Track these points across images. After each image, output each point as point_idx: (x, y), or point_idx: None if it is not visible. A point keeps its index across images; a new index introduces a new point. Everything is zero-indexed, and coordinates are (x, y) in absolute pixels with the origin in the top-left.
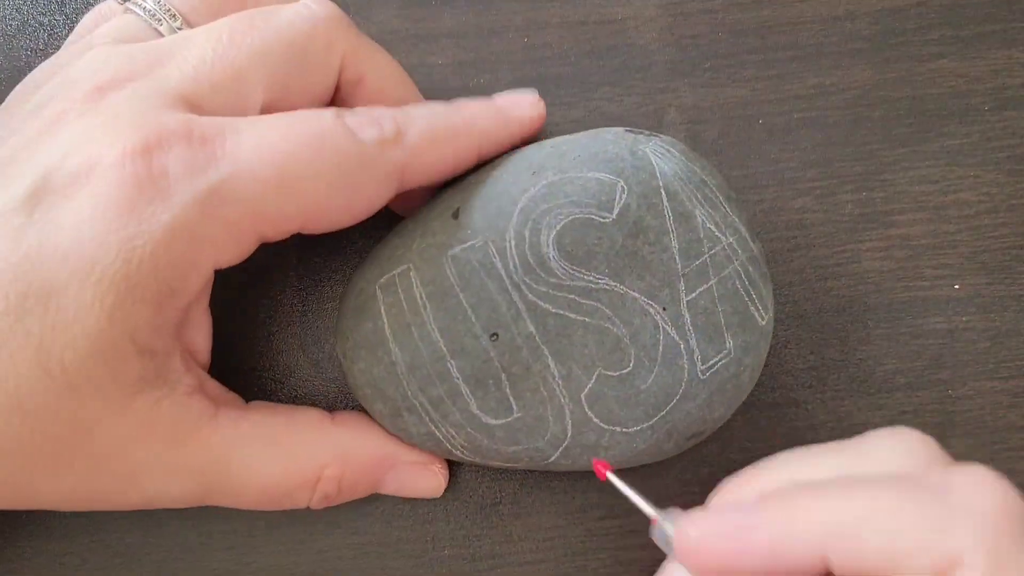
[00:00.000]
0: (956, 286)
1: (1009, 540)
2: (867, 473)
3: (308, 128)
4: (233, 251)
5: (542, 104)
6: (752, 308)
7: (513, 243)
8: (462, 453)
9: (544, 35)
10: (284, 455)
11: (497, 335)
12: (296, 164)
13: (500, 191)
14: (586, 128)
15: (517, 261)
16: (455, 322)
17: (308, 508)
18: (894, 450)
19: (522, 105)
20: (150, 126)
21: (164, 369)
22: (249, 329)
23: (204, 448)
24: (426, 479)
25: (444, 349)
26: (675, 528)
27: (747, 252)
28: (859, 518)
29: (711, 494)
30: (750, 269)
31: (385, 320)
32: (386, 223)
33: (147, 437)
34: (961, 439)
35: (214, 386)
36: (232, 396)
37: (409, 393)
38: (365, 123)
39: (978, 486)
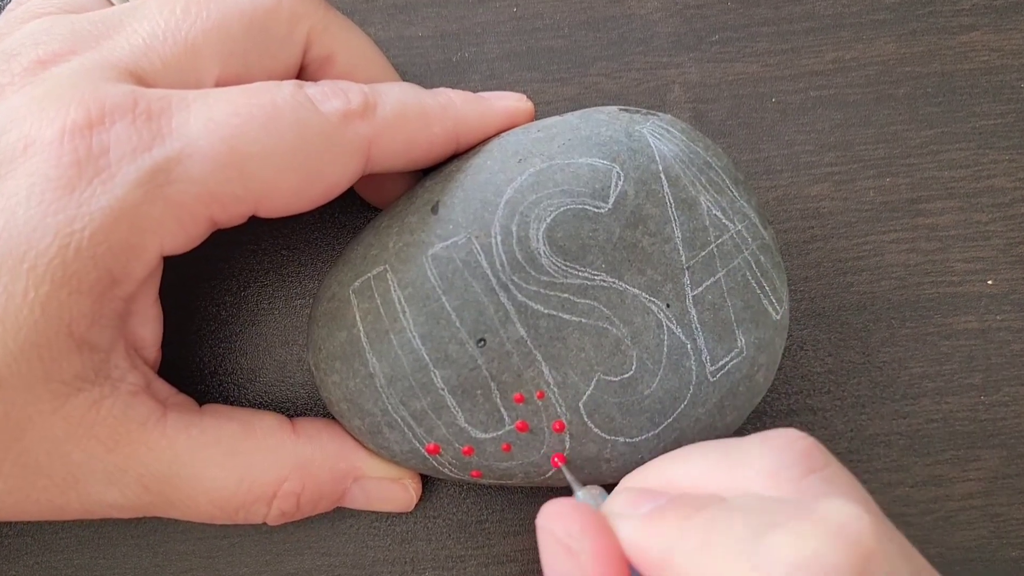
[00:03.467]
0: (989, 281)
1: None
2: (735, 484)
3: (263, 99)
4: (181, 236)
5: (530, 103)
6: (765, 301)
7: (499, 239)
8: (450, 471)
9: (535, 4)
10: (239, 465)
11: (484, 340)
12: (249, 139)
13: (483, 181)
14: (581, 107)
15: (504, 258)
16: (438, 328)
17: (265, 524)
18: (757, 462)
19: (507, 97)
20: (92, 100)
21: (105, 366)
22: (209, 328)
23: (150, 454)
24: (395, 493)
25: (427, 358)
26: (606, 502)
27: (758, 240)
28: (685, 548)
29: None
30: (761, 258)
31: (361, 328)
32: (360, 216)
33: (85, 439)
34: (995, 450)
35: (163, 387)
36: (183, 398)
37: (390, 407)
38: (329, 94)
39: (806, 533)
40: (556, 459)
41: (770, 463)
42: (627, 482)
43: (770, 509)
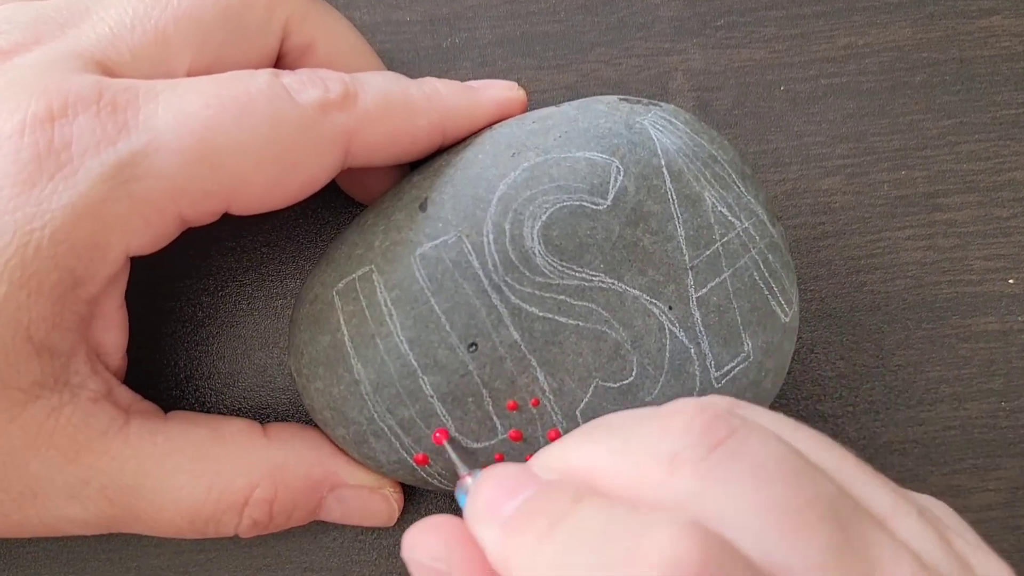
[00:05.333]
0: (1011, 280)
1: None
2: (634, 477)
3: (236, 89)
4: (148, 235)
5: (522, 92)
6: (773, 303)
7: (492, 237)
8: (440, 483)
9: None
10: (207, 472)
11: (476, 345)
12: (220, 131)
13: (475, 177)
14: (578, 96)
15: (497, 258)
16: (427, 331)
17: (240, 538)
18: (654, 446)
19: (498, 86)
20: (55, 92)
21: (65, 371)
22: (184, 330)
23: (112, 463)
24: (376, 505)
25: (415, 363)
26: (472, 489)
27: (766, 238)
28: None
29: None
30: (770, 257)
31: (345, 332)
32: (344, 213)
33: (44, 449)
34: (1016, 459)
35: (125, 393)
36: (147, 405)
37: (376, 415)
38: (307, 83)
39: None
40: (438, 435)
41: (668, 447)
42: (535, 459)
43: (618, 535)
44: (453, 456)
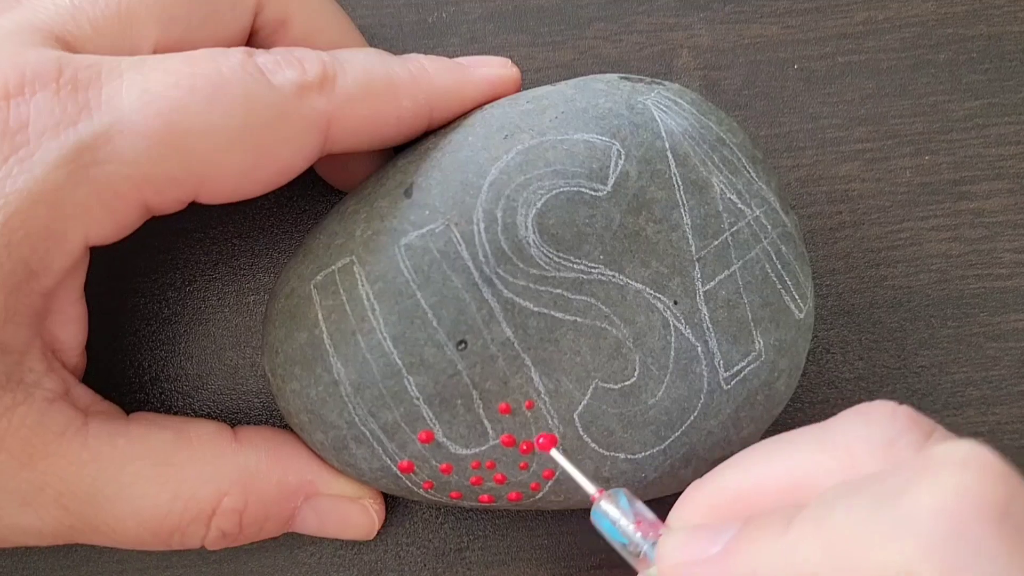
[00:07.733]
0: None
1: (966, 544)
2: (843, 468)
3: (207, 69)
4: (109, 224)
5: (516, 69)
6: (787, 298)
7: (482, 226)
8: (426, 492)
9: None
10: (172, 479)
11: (465, 343)
12: (189, 113)
13: (464, 160)
14: (575, 75)
15: (488, 249)
16: (412, 328)
17: (205, 551)
18: (864, 437)
19: (490, 63)
20: (11, 68)
21: (18, 369)
22: (149, 328)
23: (69, 468)
24: (354, 516)
25: (399, 362)
26: (658, 548)
27: (779, 227)
28: (817, 556)
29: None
30: (783, 248)
31: (324, 328)
32: (323, 201)
33: None
34: None
35: (84, 393)
36: (108, 406)
37: (357, 419)
38: (282, 63)
39: (940, 477)
40: (542, 440)
41: (882, 435)
42: (689, 499)
43: (883, 478)
44: (572, 471)
